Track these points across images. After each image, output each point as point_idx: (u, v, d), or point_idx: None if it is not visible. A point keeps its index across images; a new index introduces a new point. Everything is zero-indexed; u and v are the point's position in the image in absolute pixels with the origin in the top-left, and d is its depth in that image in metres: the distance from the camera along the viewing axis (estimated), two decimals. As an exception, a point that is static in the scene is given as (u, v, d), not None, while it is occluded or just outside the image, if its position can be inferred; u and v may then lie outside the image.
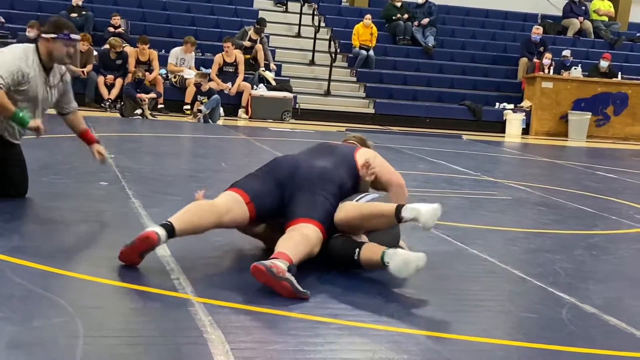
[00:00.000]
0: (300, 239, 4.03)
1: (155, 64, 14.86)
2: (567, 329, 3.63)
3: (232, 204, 4.25)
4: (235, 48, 15.53)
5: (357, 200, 4.33)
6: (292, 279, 3.74)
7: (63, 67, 5.50)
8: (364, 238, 4.27)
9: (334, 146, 4.77)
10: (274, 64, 16.36)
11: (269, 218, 4.44)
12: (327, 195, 4.29)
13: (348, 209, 4.24)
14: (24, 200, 5.45)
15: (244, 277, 4.04)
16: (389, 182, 4.74)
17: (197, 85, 14.50)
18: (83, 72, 14.31)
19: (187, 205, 4.21)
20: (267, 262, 3.76)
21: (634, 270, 5.04)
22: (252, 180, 4.42)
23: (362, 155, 4.68)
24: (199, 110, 13.95)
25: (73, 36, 5.35)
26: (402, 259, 3.94)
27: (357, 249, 4.14)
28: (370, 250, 4.11)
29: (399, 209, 4.13)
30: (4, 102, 5.12)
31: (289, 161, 4.54)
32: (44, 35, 5.30)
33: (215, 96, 14.20)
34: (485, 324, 3.67)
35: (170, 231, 3.99)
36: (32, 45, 5.34)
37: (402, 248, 4.28)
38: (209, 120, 13.88)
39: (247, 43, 16.03)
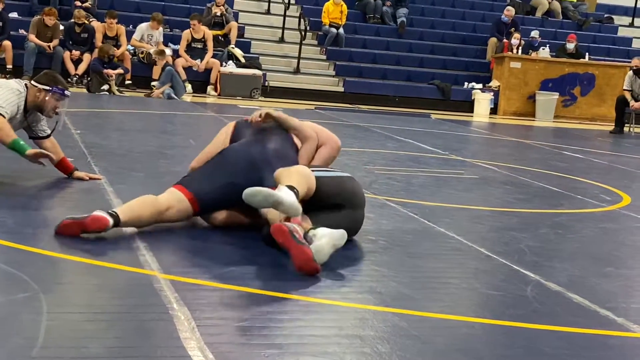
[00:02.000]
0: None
1: (123, 39, 14.70)
2: (532, 306, 3.67)
3: (174, 201, 4.36)
4: (203, 24, 15.42)
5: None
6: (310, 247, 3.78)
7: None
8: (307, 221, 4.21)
9: (266, 128, 4.75)
10: (244, 38, 16.27)
11: (219, 209, 4.50)
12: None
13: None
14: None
15: (211, 255, 4.03)
16: (324, 140, 4.81)
17: (149, 58, 14.37)
18: (49, 46, 14.13)
19: (135, 199, 4.31)
20: (291, 226, 3.80)
21: (598, 249, 5.09)
22: (196, 177, 4.50)
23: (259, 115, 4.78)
24: (153, 86, 13.85)
25: (66, 92, 5.40)
26: (314, 248, 3.82)
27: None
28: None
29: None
30: (6, 128, 5.13)
31: (239, 152, 4.54)
32: (37, 84, 5.30)
33: (168, 68, 14.02)
34: (451, 301, 3.69)
35: (117, 221, 4.11)
36: (23, 86, 5.32)
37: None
38: (174, 96, 13.76)
39: (229, 17, 15.84)
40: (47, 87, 5.31)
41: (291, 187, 3.96)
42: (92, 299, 3.27)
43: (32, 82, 5.37)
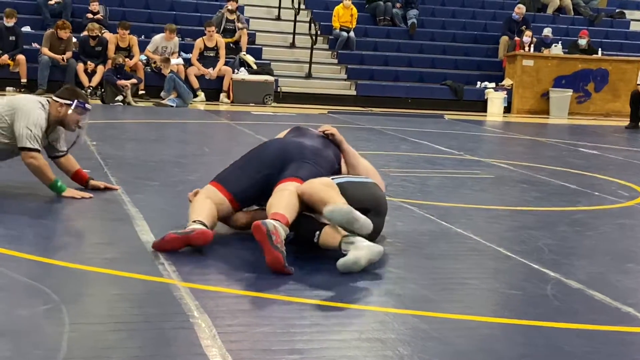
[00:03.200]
0: (289, 196, 4.14)
1: (136, 49, 14.75)
2: (552, 305, 3.66)
3: (217, 201, 4.38)
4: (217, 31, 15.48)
5: (332, 179, 4.35)
6: (285, 252, 3.81)
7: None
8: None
9: (315, 133, 4.86)
10: (255, 45, 16.31)
11: (254, 204, 4.53)
12: (317, 166, 4.44)
13: (312, 184, 4.23)
14: (5, 190, 5.41)
15: (230, 261, 4.04)
16: (352, 165, 4.86)
17: (158, 70, 14.42)
18: (63, 59, 14.21)
19: (198, 205, 4.33)
20: (270, 225, 3.83)
21: (618, 245, 5.06)
22: (234, 173, 4.51)
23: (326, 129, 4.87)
24: (161, 97, 13.90)
25: (87, 106, 5.45)
26: (353, 257, 3.86)
27: (317, 232, 4.12)
28: (329, 236, 4.07)
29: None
30: (46, 171, 5.26)
31: (277, 143, 4.64)
32: (58, 99, 5.35)
33: (169, 75, 14.06)
34: (471, 302, 3.69)
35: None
36: (44, 102, 5.36)
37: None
38: (184, 102, 13.80)
39: (239, 24, 15.92)
40: (69, 102, 5.36)
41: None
42: (113, 309, 3.29)
43: (53, 97, 5.41)
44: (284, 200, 4.14)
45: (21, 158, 5.30)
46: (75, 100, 5.37)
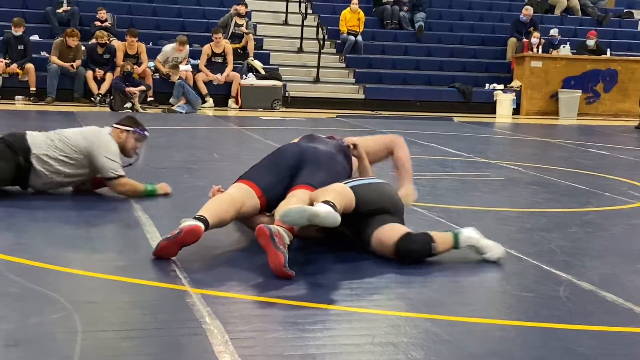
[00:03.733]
0: (296, 204, 4.09)
1: (144, 57, 14.79)
2: (565, 306, 3.64)
3: (246, 197, 4.35)
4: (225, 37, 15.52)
5: (345, 184, 4.35)
6: (287, 255, 3.81)
7: None
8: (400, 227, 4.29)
9: (327, 139, 4.91)
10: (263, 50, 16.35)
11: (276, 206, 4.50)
12: (331, 170, 4.48)
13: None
14: (16, 198, 5.43)
15: (241, 267, 4.04)
16: (386, 145, 5.04)
17: (167, 77, 14.45)
18: (72, 66, 14.25)
19: (211, 200, 4.30)
20: (274, 229, 3.84)
21: (629, 245, 5.04)
22: (261, 171, 4.50)
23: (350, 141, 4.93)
24: (170, 104, 13.93)
25: (146, 132, 5.75)
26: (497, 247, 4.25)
27: (433, 244, 4.19)
28: (441, 240, 4.24)
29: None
30: (136, 188, 5.61)
31: (294, 147, 4.66)
32: (119, 126, 5.65)
33: (178, 81, 14.10)
34: (483, 304, 3.67)
35: (206, 226, 4.07)
36: (110, 131, 5.64)
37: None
38: (193, 108, 13.84)
39: (243, 29, 15.98)
40: (129, 128, 5.64)
41: (326, 202, 3.96)
42: (125, 317, 3.29)
43: (114, 125, 5.68)
44: (293, 201, 4.16)
45: (110, 187, 5.58)
46: (135, 128, 5.67)
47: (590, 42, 17.47)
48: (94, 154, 5.46)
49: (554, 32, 17.71)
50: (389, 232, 4.20)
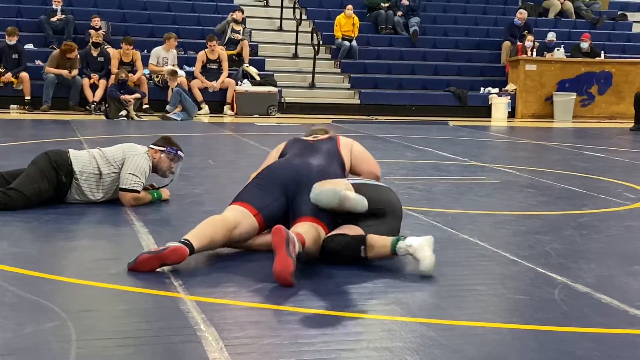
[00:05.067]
0: (315, 234, 4.15)
1: (139, 64, 14.78)
2: (561, 309, 3.64)
3: (241, 218, 4.31)
4: (220, 44, 15.53)
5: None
6: (295, 263, 3.83)
7: None
8: (357, 229, 4.27)
9: (315, 144, 4.83)
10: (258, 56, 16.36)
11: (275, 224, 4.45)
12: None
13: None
14: (10, 208, 5.41)
15: (236, 274, 4.03)
16: (365, 173, 4.92)
17: (164, 83, 14.44)
18: (70, 71, 14.21)
19: (201, 223, 4.22)
20: (291, 235, 3.87)
21: (624, 247, 5.05)
22: (254, 191, 4.45)
23: (345, 146, 4.89)
24: (166, 111, 13.92)
25: (180, 153, 5.89)
26: (431, 257, 4.08)
27: (362, 247, 4.15)
28: (377, 245, 4.16)
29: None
30: (145, 199, 5.70)
31: (284, 165, 4.58)
32: (154, 147, 5.83)
33: (176, 89, 14.09)
34: (479, 308, 3.67)
35: (192, 250, 4.04)
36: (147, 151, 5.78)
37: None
38: (189, 115, 13.84)
39: (238, 36, 16.00)
40: (163, 148, 5.80)
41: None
42: (120, 325, 3.29)
43: (151, 145, 5.82)
44: (306, 227, 4.17)
45: (122, 199, 5.63)
46: (169, 147, 5.82)
47: (584, 45, 17.50)
48: (124, 165, 5.60)
49: (551, 36, 17.71)
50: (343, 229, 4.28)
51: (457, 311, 3.57)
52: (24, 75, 14.22)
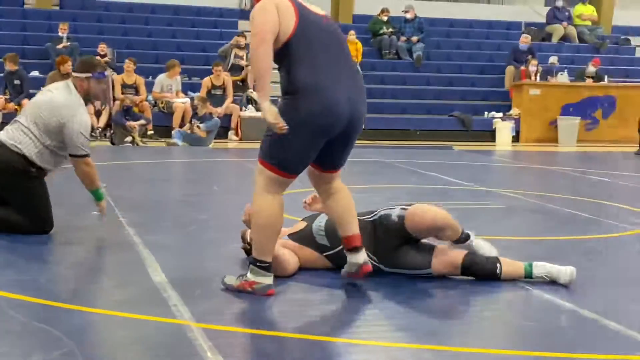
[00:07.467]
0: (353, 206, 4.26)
1: (143, 89, 14.85)
2: (568, 335, 3.63)
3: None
4: (224, 69, 15.61)
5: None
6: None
7: None
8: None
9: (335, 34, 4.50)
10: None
11: None
12: None
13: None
14: (16, 235, 5.42)
15: (242, 300, 4.03)
16: None
17: (194, 108, 14.51)
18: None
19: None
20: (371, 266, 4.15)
21: (632, 273, 5.03)
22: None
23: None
24: (197, 127, 13.98)
25: (106, 73, 5.57)
26: (569, 269, 4.44)
27: (499, 264, 4.46)
28: (510, 266, 4.49)
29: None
30: (96, 176, 5.42)
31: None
32: (78, 74, 5.43)
33: (216, 119, 14.23)
34: (486, 334, 3.66)
35: None
36: (72, 87, 5.42)
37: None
38: (204, 143, 13.90)
39: (242, 62, 16.07)
40: (89, 74, 5.43)
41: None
42: (127, 353, 3.28)
43: (73, 74, 5.49)
44: (353, 212, 4.23)
45: (75, 164, 5.36)
46: (95, 72, 5.44)
47: (592, 70, 17.54)
48: (65, 125, 5.28)
49: (553, 59, 17.77)
50: (450, 252, 4.51)
51: (463, 338, 3.56)
52: (27, 102, 14.26)
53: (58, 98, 5.38)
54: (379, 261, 4.43)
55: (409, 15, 18.65)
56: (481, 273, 4.45)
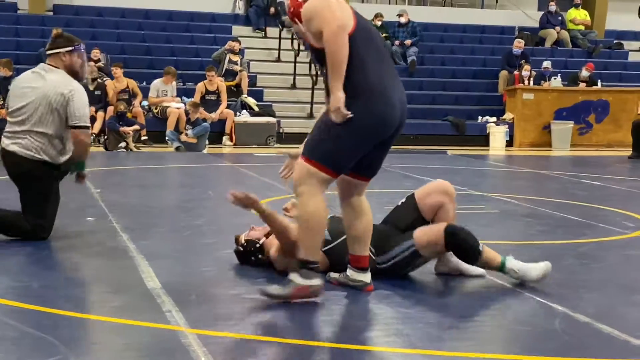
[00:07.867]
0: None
1: (137, 90, 14.89)
2: (561, 339, 3.64)
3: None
4: (218, 75, 15.62)
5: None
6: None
7: None
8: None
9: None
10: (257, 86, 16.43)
11: None
12: None
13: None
14: (11, 241, 5.42)
15: (237, 305, 4.03)
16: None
17: (186, 114, 14.52)
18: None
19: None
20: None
21: (625, 277, 5.05)
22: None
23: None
24: (186, 134, 14.00)
25: (83, 47, 5.50)
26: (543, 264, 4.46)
27: (481, 244, 4.44)
28: (490, 253, 4.46)
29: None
30: (90, 147, 5.46)
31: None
32: (60, 50, 5.36)
33: (205, 124, 14.24)
34: (480, 339, 3.67)
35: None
36: (49, 66, 5.40)
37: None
38: (197, 148, 13.91)
39: (237, 67, 16.07)
40: (70, 48, 5.40)
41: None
42: (121, 359, 3.28)
43: (52, 52, 5.42)
44: (371, 235, 4.27)
45: (76, 135, 5.35)
46: (74, 45, 5.41)
47: (586, 74, 17.59)
48: (70, 101, 5.32)
49: (546, 64, 17.82)
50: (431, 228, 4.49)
51: (457, 342, 3.57)
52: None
53: (50, 82, 5.36)
54: (376, 254, 4.44)
55: (402, 20, 18.69)
56: (464, 245, 4.39)
